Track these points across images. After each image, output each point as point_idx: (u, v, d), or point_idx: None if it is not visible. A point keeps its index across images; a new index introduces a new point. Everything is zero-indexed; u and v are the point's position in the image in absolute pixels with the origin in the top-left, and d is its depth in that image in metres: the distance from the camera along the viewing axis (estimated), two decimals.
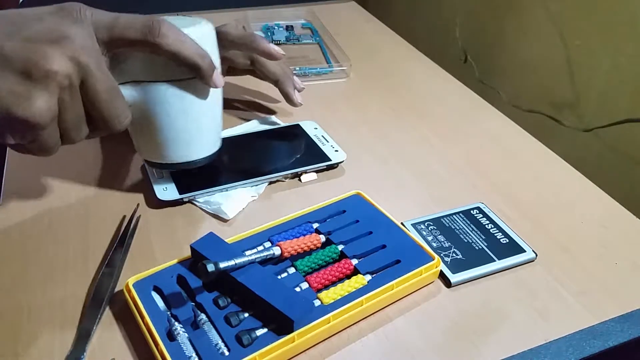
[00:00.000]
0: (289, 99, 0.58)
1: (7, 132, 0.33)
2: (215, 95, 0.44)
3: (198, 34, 0.40)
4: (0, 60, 0.31)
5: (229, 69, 0.57)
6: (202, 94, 0.43)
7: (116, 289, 0.39)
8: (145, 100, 0.41)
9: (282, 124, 0.58)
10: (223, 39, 0.43)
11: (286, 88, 0.57)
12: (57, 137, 0.35)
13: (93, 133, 0.38)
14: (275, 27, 0.81)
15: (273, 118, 0.59)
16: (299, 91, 0.58)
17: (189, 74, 0.41)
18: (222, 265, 0.35)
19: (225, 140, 0.48)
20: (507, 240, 0.44)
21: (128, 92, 0.39)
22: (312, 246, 0.40)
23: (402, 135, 0.58)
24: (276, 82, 0.57)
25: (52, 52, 0.32)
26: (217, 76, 0.41)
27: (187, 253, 0.39)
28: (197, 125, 0.44)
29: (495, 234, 0.44)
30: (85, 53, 0.33)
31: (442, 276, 0.41)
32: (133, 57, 0.39)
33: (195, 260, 0.38)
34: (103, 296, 0.37)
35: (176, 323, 0.35)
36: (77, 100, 0.34)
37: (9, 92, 0.31)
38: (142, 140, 0.45)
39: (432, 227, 0.45)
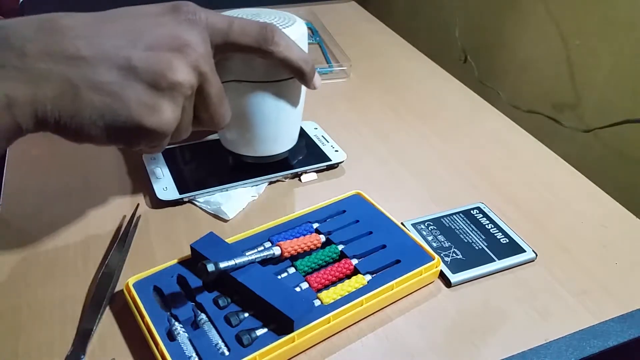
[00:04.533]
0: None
1: (133, 140, 0.33)
2: (303, 95, 0.47)
3: (297, 34, 0.42)
4: (130, 71, 0.31)
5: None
6: (296, 94, 0.46)
7: (116, 289, 0.39)
8: (244, 98, 0.43)
9: None
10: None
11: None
12: (169, 139, 0.35)
13: (195, 129, 0.38)
14: None
15: None
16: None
17: (288, 76, 0.43)
18: (222, 265, 0.35)
19: None
20: (507, 240, 0.44)
21: (229, 91, 0.39)
22: (312, 246, 0.40)
23: (402, 135, 0.58)
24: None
25: (177, 63, 0.32)
26: (317, 78, 0.43)
27: (187, 253, 0.39)
28: (287, 121, 0.47)
29: (495, 234, 0.44)
30: (203, 60, 0.33)
31: (442, 276, 0.41)
32: (236, 58, 0.41)
33: (195, 260, 0.38)
34: (103, 296, 0.37)
35: (176, 323, 0.35)
36: (192, 105, 0.35)
37: (139, 104, 0.31)
38: (232, 134, 0.47)
39: (432, 227, 0.45)
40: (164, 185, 0.47)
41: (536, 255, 0.43)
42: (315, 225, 0.43)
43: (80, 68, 0.30)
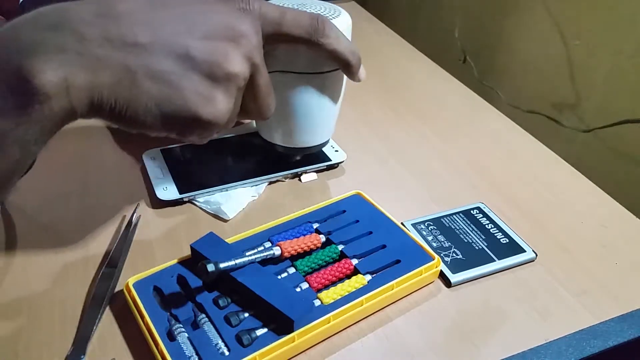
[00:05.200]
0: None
1: (187, 129, 0.33)
2: (345, 85, 0.47)
3: (344, 25, 0.43)
4: (187, 60, 0.31)
5: None
6: (339, 85, 0.46)
7: (116, 289, 0.39)
8: (288, 89, 0.43)
9: None
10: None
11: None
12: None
13: (241, 119, 0.38)
14: None
15: None
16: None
17: (332, 67, 0.43)
18: (222, 265, 0.35)
19: (225, 140, 0.48)
20: (507, 240, 0.44)
21: (274, 81, 0.39)
22: (312, 246, 0.40)
23: (402, 135, 0.58)
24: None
25: (232, 53, 0.32)
26: (362, 70, 0.42)
27: (187, 253, 0.39)
28: (328, 113, 0.47)
29: (495, 234, 0.44)
30: (257, 51, 0.33)
31: (442, 276, 0.41)
32: (283, 49, 0.41)
33: (195, 260, 0.38)
34: (103, 296, 0.37)
35: (176, 323, 0.35)
36: (241, 95, 0.35)
37: (195, 94, 0.31)
38: (274, 124, 0.47)
39: (432, 227, 0.45)
40: (164, 185, 0.47)
41: (536, 255, 0.43)
42: (315, 225, 0.43)
43: (139, 55, 0.30)
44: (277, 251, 0.39)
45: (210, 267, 0.34)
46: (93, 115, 0.30)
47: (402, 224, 0.44)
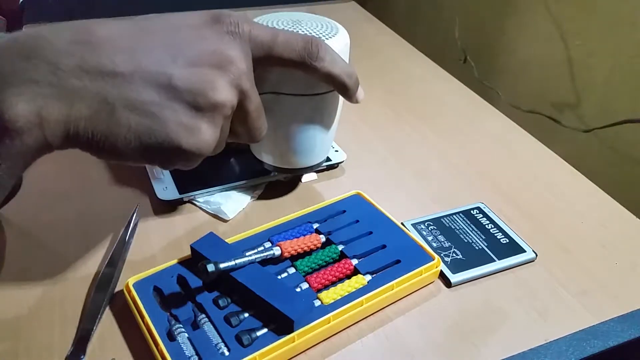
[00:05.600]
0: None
1: (171, 162, 0.31)
2: (341, 106, 0.45)
3: (341, 45, 0.41)
4: (170, 90, 0.29)
5: None
6: (334, 107, 0.44)
7: (116, 289, 0.39)
8: (281, 111, 0.41)
9: None
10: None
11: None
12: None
13: (229, 141, 0.37)
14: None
15: None
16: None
17: (328, 89, 0.41)
18: (222, 265, 0.35)
19: None
20: (507, 240, 0.44)
21: (265, 103, 0.37)
22: (312, 246, 0.40)
23: (402, 135, 0.58)
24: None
25: (219, 81, 0.30)
26: (360, 92, 0.41)
27: (187, 253, 0.39)
28: (323, 135, 0.44)
29: (495, 234, 0.44)
30: (245, 77, 0.32)
31: (442, 276, 0.41)
32: (275, 70, 0.39)
33: (195, 260, 0.38)
34: (103, 296, 0.37)
35: (176, 323, 0.35)
36: (229, 121, 0.34)
37: (178, 124, 0.30)
38: (267, 146, 0.45)
39: (432, 227, 0.45)
40: (164, 185, 0.47)
41: (536, 255, 0.43)
42: (315, 226, 0.43)
43: (117, 86, 0.28)
44: (277, 251, 0.39)
45: (210, 267, 0.34)
46: (70, 146, 0.29)
47: (402, 224, 0.44)
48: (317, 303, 0.36)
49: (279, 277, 0.38)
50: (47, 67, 0.27)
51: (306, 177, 0.51)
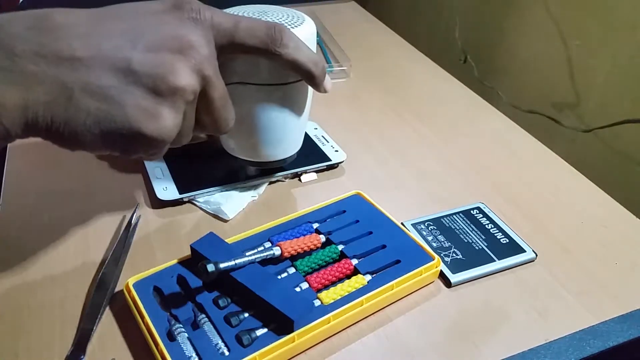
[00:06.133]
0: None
1: (131, 147, 0.31)
2: (311, 97, 0.45)
3: (307, 34, 0.40)
4: (129, 74, 0.29)
5: None
6: (304, 97, 0.44)
7: (116, 289, 0.39)
8: (248, 102, 0.41)
9: None
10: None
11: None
12: (168, 145, 0.34)
13: (197, 134, 0.37)
14: None
15: None
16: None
17: (296, 78, 0.41)
18: (222, 265, 0.35)
19: None
20: (507, 240, 0.44)
21: (233, 94, 0.37)
22: (312, 246, 0.40)
23: (402, 135, 0.58)
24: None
25: (179, 66, 0.30)
26: (328, 81, 0.40)
27: (187, 253, 0.39)
28: (293, 126, 0.44)
29: (495, 234, 0.44)
30: (207, 63, 0.32)
31: (442, 276, 0.41)
32: (241, 59, 0.39)
33: (195, 260, 0.38)
34: (103, 296, 0.37)
35: (176, 323, 0.35)
36: (194, 109, 0.33)
37: (137, 109, 0.29)
38: (236, 138, 0.45)
39: (432, 227, 0.45)
40: (164, 185, 0.47)
41: (536, 255, 0.43)
42: (315, 225, 0.43)
43: (76, 71, 0.28)
44: (277, 251, 0.39)
45: (210, 267, 0.34)
46: (29, 135, 0.29)
47: (402, 224, 0.44)
48: (317, 303, 0.36)
49: (279, 277, 0.38)
50: (2, 53, 0.27)
51: (306, 177, 0.51)
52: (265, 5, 0.43)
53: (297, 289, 0.37)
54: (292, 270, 0.39)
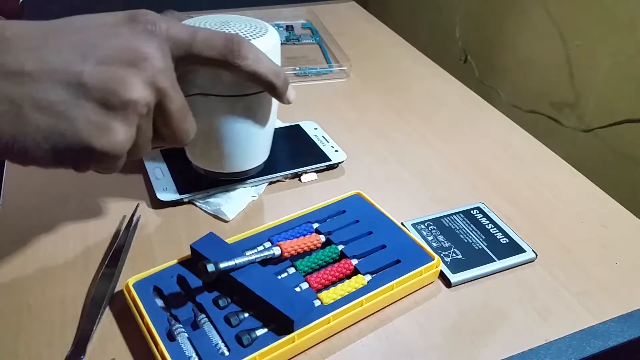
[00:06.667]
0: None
1: (82, 163, 0.31)
2: (275, 107, 0.44)
3: (268, 45, 0.39)
4: (79, 89, 0.28)
5: None
6: (267, 108, 0.43)
7: (116, 289, 0.39)
8: (210, 113, 0.41)
9: (282, 124, 0.57)
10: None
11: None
12: (125, 158, 0.33)
13: (157, 146, 0.36)
14: (275, 27, 0.81)
15: None
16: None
17: (258, 89, 0.40)
18: (222, 265, 0.35)
19: None
20: (507, 240, 0.44)
21: (193, 105, 0.37)
22: (312, 246, 0.40)
23: (402, 135, 0.58)
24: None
25: (130, 79, 0.29)
26: (291, 92, 0.40)
27: (187, 253, 0.39)
28: (258, 137, 0.44)
29: (495, 234, 0.44)
30: (162, 75, 0.31)
31: (442, 276, 0.41)
32: (201, 71, 0.39)
33: (196, 260, 0.38)
34: (103, 296, 0.37)
35: (176, 323, 0.35)
36: (150, 122, 0.33)
37: (88, 123, 0.29)
38: (199, 150, 0.44)
39: (432, 227, 0.45)
40: (164, 185, 0.47)
41: (536, 255, 0.43)
42: (315, 226, 0.43)
43: (24, 85, 0.27)
44: (277, 251, 0.39)
45: (210, 267, 0.34)
46: None
47: (402, 224, 0.44)
48: (317, 303, 0.36)
49: (279, 277, 0.38)
50: None
51: (306, 177, 0.51)
52: (230, 15, 0.43)
53: (297, 289, 0.37)
54: (292, 270, 0.39)
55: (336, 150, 0.53)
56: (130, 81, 0.29)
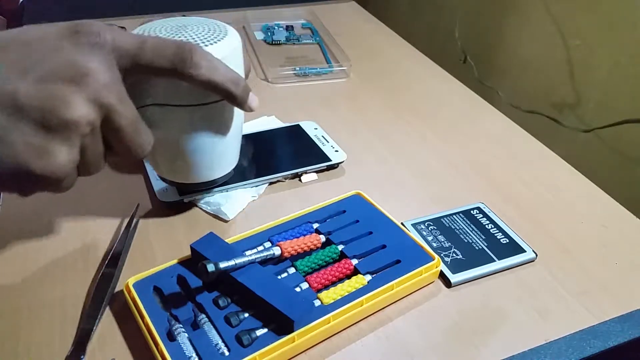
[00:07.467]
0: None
1: (25, 187, 0.30)
2: (241, 114, 0.42)
3: (227, 50, 0.37)
4: (15, 110, 0.27)
5: None
6: (229, 115, 0.41)
7: (116, 289, 0.39)
8: (168, 124, 0.39)
9: (282, 125, 0.58)
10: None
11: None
12: (75, 177, 0.32)
13: (112, 160, 0.34)
14: (275, 27, 0.81)
15: (273, 118, 0.59)
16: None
17: (217, 98, 0.38)
18: (222, 265, 0.35)
19: None
20: (507, 240, 0.44)
21: (149, 116, 0.36)
22: (312, 246, 0.40)
23: (402, 135, 0.58)
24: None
25: (71, 97, 0.28)
26: (252, 99, 0.38)
27: (187, 253, 0.39)
28: (222, 145, 0.42)
29: (495, 234, 0.44)
30: (107, 91, 0.29)
31: (442, 276, 0.41)
32: (153, 80, 0.37)
33: (196, 261, 0.38)
34: (103, 296, 0.37)
35: (176, 323, 0.35)
36: (99, 139, 0.31)
37: (26, 146, 0.27)
38: (161, 161, 0.42)
39: (432, 227, 0.45)
40: (165, 186, 0.47)
41: (536, 255, 0.43)
42: (315, 226, 0.43)
43: None
44: (277, 251, 0.39)
45: (210, 267, 0.34)
46: None
47: (402, 224, 0.44)
48: (317, 303, 0.36)
49: (279, 277, 0.38)
50: None
51: (306, 177, 0.51)
52: (188, 18, 0.41)
53: (297, 289, 0.37)
54: (292, 270, 0.39)
55: (336, 151, 0.53)
56: (71, 99, 0.28)
